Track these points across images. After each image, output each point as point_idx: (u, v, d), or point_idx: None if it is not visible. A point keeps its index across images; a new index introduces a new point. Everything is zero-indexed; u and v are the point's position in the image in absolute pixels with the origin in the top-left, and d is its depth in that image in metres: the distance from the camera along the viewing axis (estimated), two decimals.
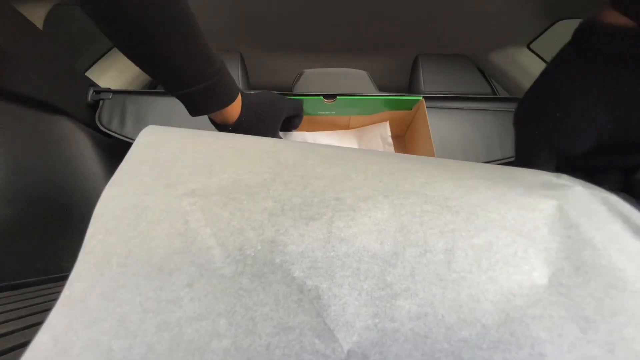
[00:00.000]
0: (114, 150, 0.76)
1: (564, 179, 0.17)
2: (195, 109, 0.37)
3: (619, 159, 0.22)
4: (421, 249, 0.11)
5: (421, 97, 0.52)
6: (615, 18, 0.19)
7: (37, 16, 0.66)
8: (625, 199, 0.22)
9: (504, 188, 0.14)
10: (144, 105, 0.75)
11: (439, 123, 0.76)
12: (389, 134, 0.55)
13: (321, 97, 0.52)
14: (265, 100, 0.43)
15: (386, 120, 0.57)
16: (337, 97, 0.52)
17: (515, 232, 0.13)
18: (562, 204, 0.14)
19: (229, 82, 0.38)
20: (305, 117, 0.54)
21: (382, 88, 1.16)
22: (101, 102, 0.74)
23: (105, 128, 0.72)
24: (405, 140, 0.64)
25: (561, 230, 0.13)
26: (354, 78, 0.99)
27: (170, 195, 0.12)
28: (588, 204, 0.15)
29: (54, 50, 0.63)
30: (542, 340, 0.10)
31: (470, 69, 0.95)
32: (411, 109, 0.55)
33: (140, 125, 0.73)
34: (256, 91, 0.46)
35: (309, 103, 0.53)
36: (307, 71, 0.99)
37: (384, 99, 0.52)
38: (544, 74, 0.23)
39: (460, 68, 0.94)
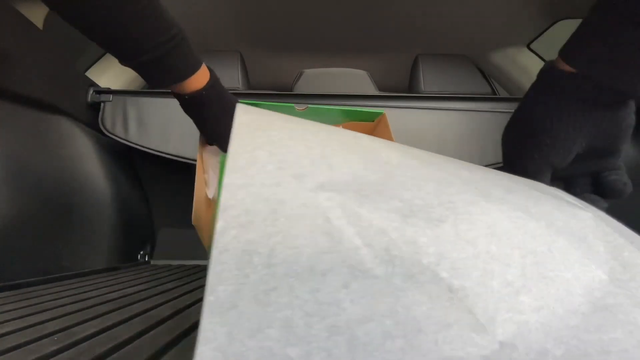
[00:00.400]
0: (114, 151, 0.76)
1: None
2: (152, 80, 0.36)
3: (587, 166, 0.27)
4: (524, 250, 0.13)
5: (383, 111, 0.52)
6: (561, 64, 0.24)
7: (37, 16, 0.66)
8: (594, 200, 0.25)
9: (555, 200, 0.17)
10: (145, 106, 0.75)
11: (439, 123, 0.76)
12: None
13: (292, 105, 0.52)
14: (230, 95, 0.43)
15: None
16: (309, 105, 0.52)
17: (577, 237, 0.15)
18: (594, 215, 0.17)
19: (187, 53, 0.35)
20: None
21: (382, 88, 1.16)
22: (102, 104, 0.74)
23: (110, 133, 0.72)
24: None
25: (602, 236, 0.16)
26: (354, 78, 0.99)
27: (303, 188, 0.11)
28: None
29: (54, 50, 0.63)
30: (625, 322, 0.12)
31: (470, 69, 0.95)
32: (373, 121, 0.55)
33: (143, 127, 0.74)
34: None
35: (279, 110, 0.52)
36: (307, 71, 0.99)
37: (344, 109, 0.53)
38: (523, 104, 0.27)
39: (460, 68, 0.94)
